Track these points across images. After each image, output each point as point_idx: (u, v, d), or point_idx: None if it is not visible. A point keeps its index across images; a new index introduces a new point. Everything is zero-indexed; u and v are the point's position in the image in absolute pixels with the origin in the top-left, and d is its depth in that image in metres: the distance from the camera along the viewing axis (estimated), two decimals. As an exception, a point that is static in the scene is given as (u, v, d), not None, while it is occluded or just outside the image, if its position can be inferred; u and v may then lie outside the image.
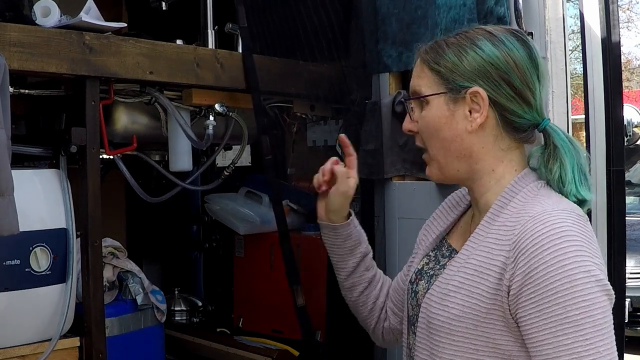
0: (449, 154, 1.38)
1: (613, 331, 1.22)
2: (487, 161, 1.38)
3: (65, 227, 2.03)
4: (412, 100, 1.43)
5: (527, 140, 1.42)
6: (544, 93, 1.41)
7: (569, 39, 2.19)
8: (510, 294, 1.24)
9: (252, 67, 2.35)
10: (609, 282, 1.25)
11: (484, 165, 1.38)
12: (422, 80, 1.40)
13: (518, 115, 1.37)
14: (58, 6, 1.99)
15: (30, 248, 1.94)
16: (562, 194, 1.35)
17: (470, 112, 1.36)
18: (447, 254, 1.46)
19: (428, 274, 1.46)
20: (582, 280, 1.19)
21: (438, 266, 1.45)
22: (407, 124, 1.45)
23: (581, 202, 1.36)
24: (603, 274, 1.23)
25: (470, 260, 1.33)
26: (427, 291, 1.41)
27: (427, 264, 1.50)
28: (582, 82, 2.29)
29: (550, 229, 1.22)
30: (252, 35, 2.40)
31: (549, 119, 1.41)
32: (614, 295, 1.26)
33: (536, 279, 1.21)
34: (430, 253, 1.52)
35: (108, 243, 2.47)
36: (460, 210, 1.55)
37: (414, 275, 1.52)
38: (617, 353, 1.22)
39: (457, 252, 1.41)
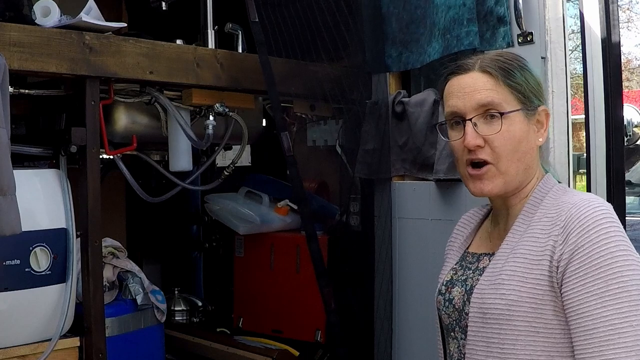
0: (521, 166, 1.46)
1: None
2: (535, 170, 1.50)
3: (65, 227, 2.03)
4: (480, 115, 1.44)
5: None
6: None
7: (569, 39, 2.19)
8: (558, 271, 1.34)
9: (267, 63, 2.32)
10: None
11: (532, 176, 1.49)
12: (499, 95, 1.44)
13: (545, 129, 1.51)
14: (58, 6, 1.99)
15: (30, 248, 1.94)
16: None
17: (535, 127, 1.48)
18: (474, 260, 1.55)
19: (460, 280, 1.54)
20: (622, 258, 1.29)
21: (470, 271, 1.54)
22: (476, 140, 1.44)
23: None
24: (636, 253, 1.34)
25: (518, 251, 1.41)
26: (468, 291, 1.48)
27: (455, 273, 1.58)
28: (582, 82, 2.29)
29: (594, 212, 1.34)
30: (264, 30, 2.36)
31: None
32: None
33: (581, 255, 1.31)
34: (455, 266, 1.60)
35: (108, 243, 2.47)
36: (475, 223, 1.65)
37: (443, 287, 1.59)
38: None
39: (486, 255, 1.51)
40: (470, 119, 1.44)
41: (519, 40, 2.10)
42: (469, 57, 1.52)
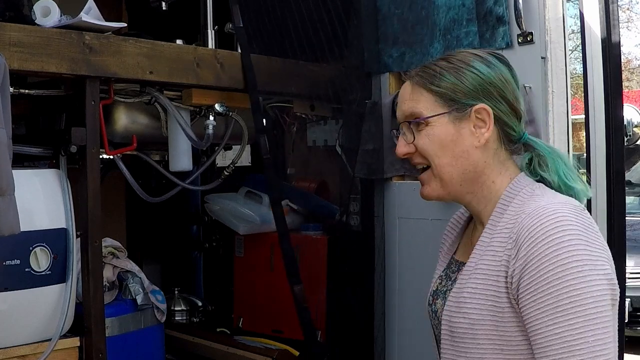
0: (455, 170, 1.44)
1: (609, 320, 1.24)
2: (488, 174, 1.45)
3: (65, 227, 2.03)
4: (405, 124, 1.47)
5: (516, 152, 1.50)
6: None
7: (569, 39, 2.19)
8: (512, 287, 1.29)
9: (250, 66, 2.35)
10: (609, 269, 1.27)
11: (486, 179, 1.45)
12: (420, 103, 1.45)
13: (513, 129, 1.46)
14: (58, 6, 1.99)
15: (30, 248, 1.94)
16: (565, 192, 1.43)
17: (474, 128, 1.43)
18: (456, 269, 1.52)
19: (442, 292, 1.53)
20: (575, 270, 1.22)
21: (450, 282, 1.51)
22: (403, 148, 1.48)
23: (578, 194, 1.44)
24: (601, 261, 1.26)
25: (479, 267, 1.38)
26: (444, 305, 1.47)
27: (440, 283, 1.56)
28: (582, 82, 2.29)
29: (545, 221, 1.27)
30: (248, 35, 2.40)
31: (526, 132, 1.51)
32: (617, 282, 1.29)
33: (531, 270, 1.26)
34: (442, 273, 1.58)
35: (108, 243, 2.47)
36: (461, 226, 1.62)
37: (430, 297, 1.58)
38: (613, 344, 1.24)
39: (465, 264, 1.47)
40: (398, 129, 1.48)
41: (519, 40, 2.10)
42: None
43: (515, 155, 1.49)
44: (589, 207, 2.09)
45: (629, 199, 7.48)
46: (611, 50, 2.21)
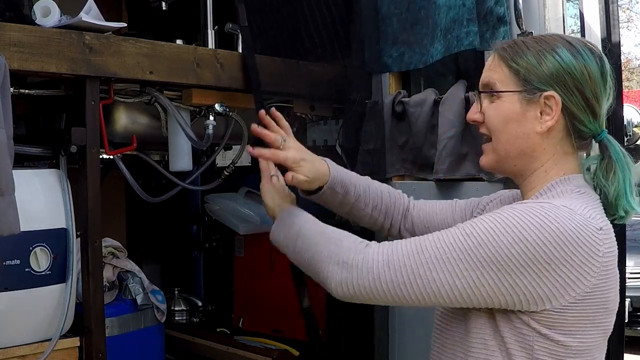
0: (512, 149, 1.45)
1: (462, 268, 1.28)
2: (543, 162, 1.44)
3: (65, 227, 2.03)
4: (484, 93, 1.48)
5: (583, 148, 1.48)
6: (608, 105, 1.47)
7: (569, 39, 2.19)
8: None
9: (253, 66, 2.35)
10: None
11: (539, 166, 1.45)
12: (497, 75, 1.46)
13: (584, 124, 1.43)
14: (58, 6, 1.99)
15: (30, 248, 1.94)
16: (615, 205, 1.41)
17: (540, 114, 1.42)
18: None
19: None
20: (484, 225, 1.30)
21: None
22: (472, 114, 1.50)
23: (627, 214, 1.43)
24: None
25: None
26: None
27: None
28: (582, 82, 2.28)
29: (521, 207, 1.33)
30: (252, 35, 2.40)
31: (607, 131, 1.47)
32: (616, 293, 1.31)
33: None
34: None
35: (108, 243, 2.47)
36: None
37: None
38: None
39: None
40: (478, 94, 1.49)
41: (519, 40, 2.10)
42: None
43: (582, 151, 1.47)
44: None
45: (629, 199, 7.45)
46: (611, 50, 2.21)
